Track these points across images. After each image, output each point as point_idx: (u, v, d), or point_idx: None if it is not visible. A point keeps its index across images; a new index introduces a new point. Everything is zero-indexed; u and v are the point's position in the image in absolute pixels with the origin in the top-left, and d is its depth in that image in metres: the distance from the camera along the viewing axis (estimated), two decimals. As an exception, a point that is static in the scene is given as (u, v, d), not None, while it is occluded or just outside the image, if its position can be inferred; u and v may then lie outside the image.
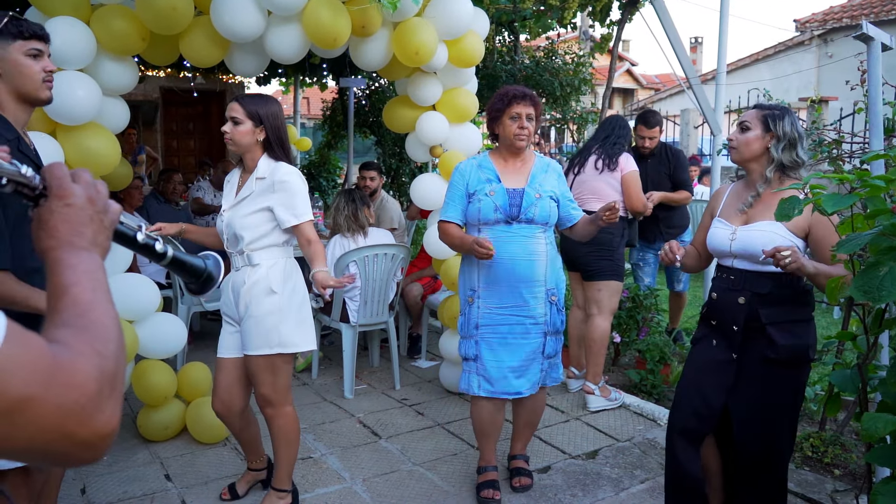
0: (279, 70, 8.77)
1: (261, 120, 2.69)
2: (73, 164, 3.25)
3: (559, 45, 7.64)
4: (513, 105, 2.96)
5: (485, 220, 2.95)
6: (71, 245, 0.80)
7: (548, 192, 2.99)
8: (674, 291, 5.23)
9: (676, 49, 4.81)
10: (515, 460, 3.29)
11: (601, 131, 4.33)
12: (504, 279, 2.94)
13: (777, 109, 2.45)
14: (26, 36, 2.02)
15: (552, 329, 3.04)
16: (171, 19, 3.18)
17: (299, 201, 2.70)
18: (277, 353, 2.72)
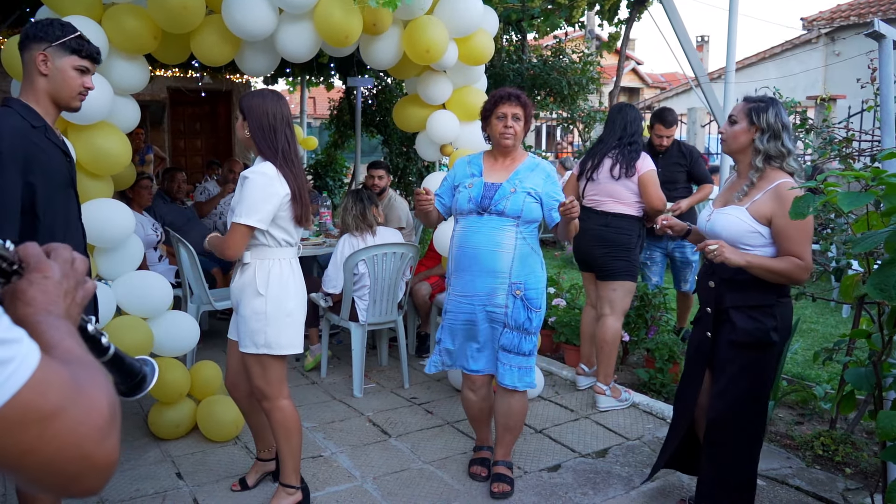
0: (286, 69, 8.77)
1: (244, 114, 2.69)
2: (85, 163, 3.27)
3: (566, 45, 7.64)
4: (499, 105, 3.06)
5: (460, 209, 3.08)
6: (48, 312, 0.84)
7: (526, 189, 3.01)
8: (680, 291, 5.21)
9: (685, 47, 4.80)
10: (496, 466, 3.25)
11: (614, 128, 4.16)
12: (467, 268, 3.04)
13: (762, 102, 2.56)
14: (83, 55, 2.28)
15: (514, 324, 3.02)
16: (183, 18, 3.19)
17: (244, 203, 2.61)
18: (262, 354, 2.75)
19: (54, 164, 2.25)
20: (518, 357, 3.06)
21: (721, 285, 2.61)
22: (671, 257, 5.07)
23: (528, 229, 3.06)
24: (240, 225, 2.62)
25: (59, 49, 2.22)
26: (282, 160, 2.68)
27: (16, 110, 2.19)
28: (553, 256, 8.73)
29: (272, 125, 2.69)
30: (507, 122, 3.04)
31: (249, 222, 2.62)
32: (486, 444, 3.41)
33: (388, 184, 5.63)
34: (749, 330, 2.53)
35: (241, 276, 2.77)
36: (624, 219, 4.07)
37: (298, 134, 10.86)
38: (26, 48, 2.23)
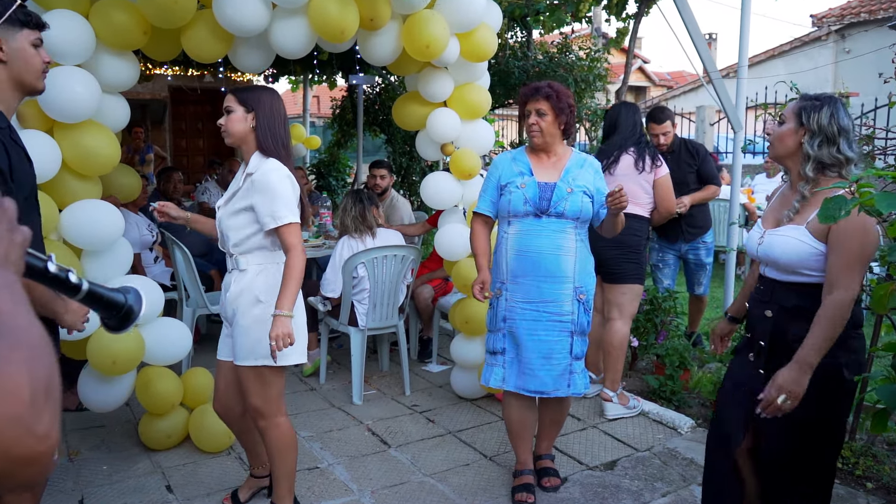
0: (288, 67, 8.64)
1: (251, 106, 2.53)
2: (72, 163, 3.14)
3: (573, 42, 7.48)
4: (525, 103, 3.00)
5: (514, 212, 2.93)
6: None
7: (581, 187, 2.92)
8: (693, 295, 5.05)
9: (697, 43, 4.64)
10: (542, 460, 3.23)
11: (621, 127, 4.01)
12: (530, 273, 2.90)
13: (816, 100, 2.22)
14: (33, 25, 2.02)
15: (578, 329, 2.95)
16: (173, 12, 3.06)
17: (280, 202, 2.46)
18: (262, 366, 2.55)
19: (23, 169, 2.02)
20: (581, 362, 3.00)
21: (781, 315, 2.25)
22: (684, 260, 4.91)
23: (583, 229, 2.99)
24: (293, 224, 2.48)
25: (8, 27, 1.95)
26: (288, 161, 2.58)
27: None
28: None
29: (281, 123, 2.60)
30: (531, 119, 2.95)
31: (297, 218, 2.50)
32: (527, 466, 3.13)
33: (390, 184, 5.50)
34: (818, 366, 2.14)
35: (238, 284, 2.57)
36: (636, 219, 3.92)
37: (301, 133, 10.75)
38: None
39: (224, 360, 2.75)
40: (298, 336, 2.56)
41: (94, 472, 3.29)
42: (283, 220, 2.46)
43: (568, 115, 2.99)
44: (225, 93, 2.70)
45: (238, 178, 2.64)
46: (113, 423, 3.82)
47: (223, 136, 2.59)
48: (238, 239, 2.57)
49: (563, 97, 2.97)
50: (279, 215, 2.46)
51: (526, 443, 3.15)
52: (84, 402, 3.41)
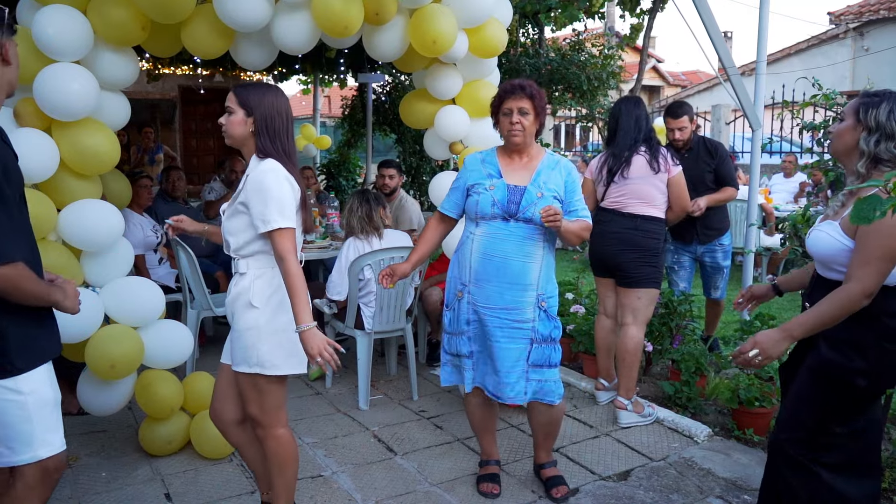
0: (296, 66, 8.57)
1: (251, 110, 2.41)
2: (70, 162, 3.07)
3: (586, 40, 7.36)
4: (505, 100, 2.88)
5: (482, 213, 2.87)
6: None
7: (551, 191, 2.85)
8: (710, 298, 4.91)
9: (714, 39, 4.50)
10: (545, 469, 3.15)
11: (627, 125, 3.83)
12: (494, 277, 2.84)
13: (876, 96, 2.17)
14: (15, 31, 2.03)
15: (539, 336, 2.87)
16: (171, 7, 2.98)
17: (272, 206, 2.32)
18: (257, 374, 2.44)
19: (15, 169, 1.98)
20: (550, 370, 2.91)
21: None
22: (700, 262, 4.77)
23: (551, 234, 2.89)
24: (287, 228, 2.34)
25: (8, 32, 1.95)
26: (289, 163, 2.45)
27: None
28: (571, 259, 8.45)
29: (285, 125, 2.47)
30: (514, 118, 2.84)
31: (289, 224, 2.34)
32: (493, 457, 3.21)
33: (399, 184, 5.40)
34: (829, 360, 2.16)
35: (236, 288, 2.47)
36: (653, 221, 3.79)
37: (311, 133, 10.68)
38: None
39: (224, 363, 2.66)
40: (295, 344, 2.40)
41: (92, 479, 3.21)
42: (271, 225, 2.32)
43: (543, 116, 2.95)
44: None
45: (242, 180, 2.53)
46: (114, 428, 3.74)
47: (224, 136, 2.49)
48: (237, 243, 2.46)
49: (542, 97, 2.91)
50: (268, 219, 2.33)
51: (489, 436, 3.20)
52: (83, 405, 3.33)
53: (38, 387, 2.00)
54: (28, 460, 2.01)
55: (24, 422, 1.97)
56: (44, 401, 2.02)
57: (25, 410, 1.97)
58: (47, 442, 2.03)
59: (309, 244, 5.19)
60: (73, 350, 3.12)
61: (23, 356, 1.97)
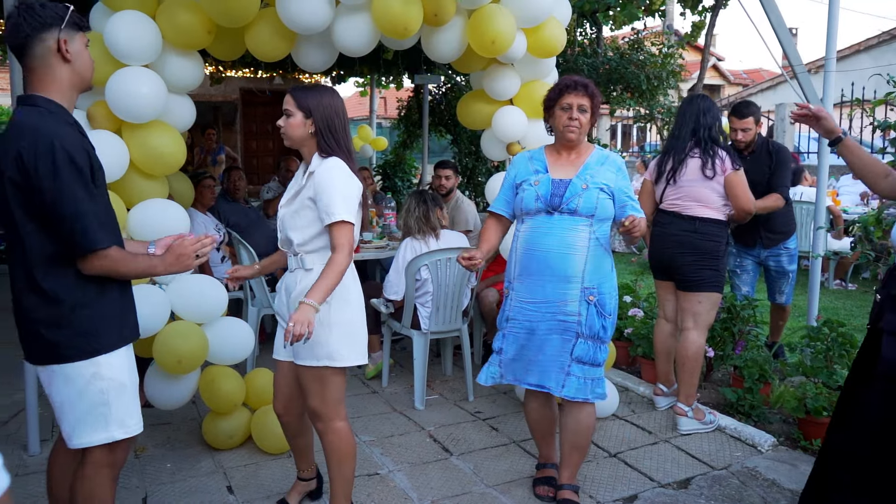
0: (354, 68, 8.67)
1: (310, 112, 2.50)
2: (139, 162, 3.17)
3: (646, 38, 7.23)
4: (564, 95, 2.84)
5: (526, 209, 2.87)
6: None
7: (598, 184, 2.80)
8: (775, 303, 4.75)
9: (780, 35, 4.36)
10: (563, 490, 3.00)
11: (685, 122, 3.75)
12: (536, 272, 2.83)
13: None
14: (84, 28, 2.12)
15: (588, 332, 2.81)
16: (235, 11, 3.05)
17: (337, 199, 2.43)
18: (323, 366, 2.52)
19: (97, 161, 2.09)
20: (592, 368, 2.84)
21: (884, 301, 2.14)
22: (765, 266, 4.62)
23: (601, 228, 2.84)
24: (346, 223, 2.44)
25: (69, 30, 2.03)
26: (350, 160, 2.56)
27: (49, 110, 2.01)
28: (629, 262, 8.32)
29: (343, 124, 2.57)
30: (573, 114, 2.82)
31: (351, 218, 2.46)
32: (550, 461, 3.18)
33: (455, 184, 5.40)
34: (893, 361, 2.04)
35: (303, 284, 2.52)
36: (713, 224, 3.69)
37: (368, 134, 10.79)
38: (36, 40, 2.00)
39: (283, 360, 2.71)
40: (359, 337, 2.55)
41: (158, 470, 3.31)
42: (335, 217, 2.42)
43: (597, 114, 2.94)
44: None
45: (298, 178, 2.60)
46: (179, 421, 3.85)
47: (283, 137, 2.57)
48: (303, 238, 2.54)
49: (599, 95, 2.92)
50: (333, 211, 2.43)
51: (547, 439, 3.16)
52: (150, 399, 3.43)
53: (117, 369, 2.10)
54: (103, 440, 2.09)
55: (102, 404, 2.07)
56: (122, 383, 2.11)
57: (104, 392, 2.06)
58: (123, 424, 2.12)
59: (366, 244, 5.25)
60: (140, 345, 3.21)
61: (103, 339, 2.07)
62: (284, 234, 2.59)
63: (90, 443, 2.10)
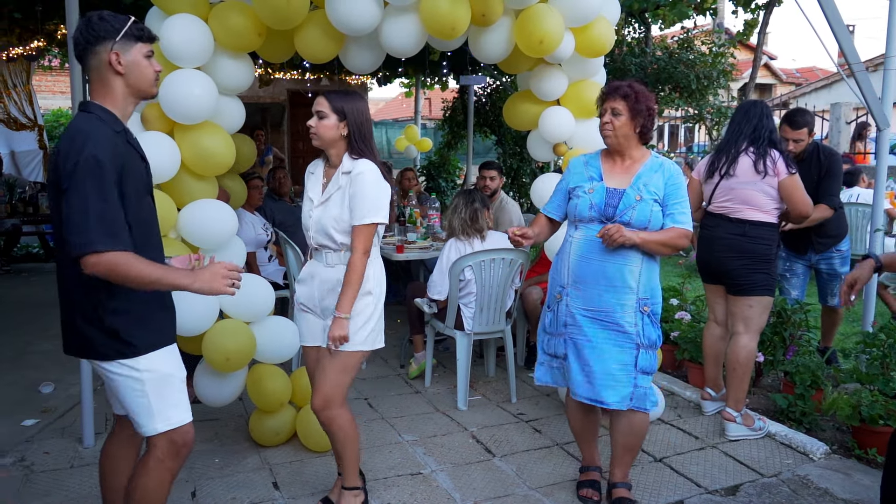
0: (400, 69, 8.72)
1: (344, 115, 2.64)
2: (190, 163, 3.24)
3: (696, 37, 7.10)
4: (604, 101, 2.88)
5: (580, 217, 2.87)
6: None
7: (652, 195, 2.78)
8: (827, 306, 4.62)
9: (837, 32, 4.24)
10: (616, 489, 3.01)
11: (745, 122, 3.67)
12: (592, 281, 2.82)
13: None
14: (145, 39, 2.18)
15: (647, 342, 2.81)
16: (286, 13, 3.09)
17: (369, 202, 2.60)
18: (356, 351, 2.70)
19: (138, 170, 2.17)
20: (648, 377, 2.85)
21: None
22: (816, 270, 4.49)
23: None
24: (370, 225, 2.62)
25: (124, 42, 2.10)
26: (378, 162, 2.71)
27: (99, 116, 2.09)
28: (676, 264, 8.18)
29: (370, 128, 2.75)
30: (605, 118, 2.84)
31: (377, 219, 2.62)
32: (594, 463, 3.16)
33: (499, 185, 5.38)
34: None
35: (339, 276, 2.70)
36: (763, 227, 3.60)
37: (414, 135, 10.83)
38: (91, 53, 2.09)
39: (311, 345, 2.87)
40: (381, 323, 2.78)
41: (206, 465, 3.38)
42: (365, 220, 2.60)
43: (645, 118, 2.84)
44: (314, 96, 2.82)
45: (337, 178, 2.70)
46: (226, 417, 3.92)
47: (312, 138, 2.70)
48: (346, 239, 2.67)
49: (643, 99, 2.82)
50: (363, 214, 2.59)
51: (590, 443, 3.15)
52: (199, 396, 3.50)
53: (155, 366, 2.15)
54: (149, 432, 2.18)
55: (141, 397, 2.14)
56: (161, 379, 2.16)
57: (142, 387, 2.13)
58: (165, 417, 2.18)
59: (410, 244, 5.27)
60: (190, 343, 3.29)
61: (138, 340, 2.12)
62: (325, 234, 2.70)
63: (143, 433, 2.20)
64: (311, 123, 2.66)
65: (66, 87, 14.78)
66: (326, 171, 2.78)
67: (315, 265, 2.79)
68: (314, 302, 2.80)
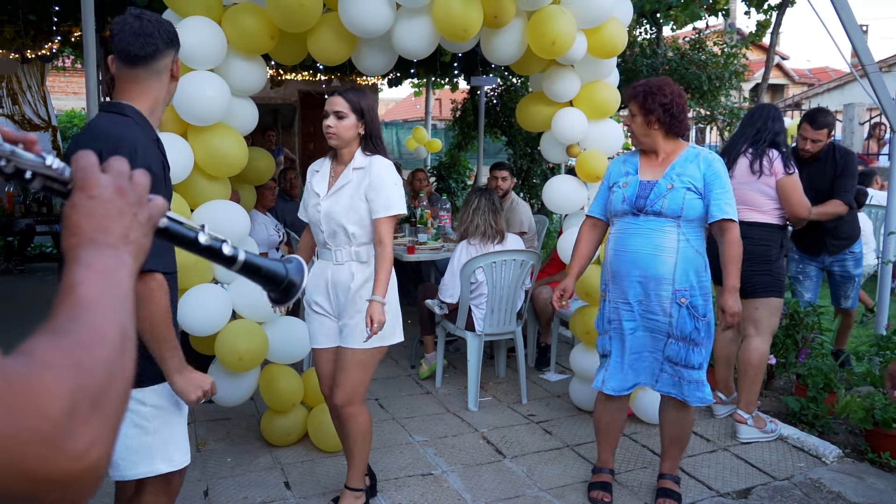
0: (411, 70, 8.73)
1: (362, 114, 2.66)
2: (203, 164, 3.25)
3: (708, 38, 7.07)
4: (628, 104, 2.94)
5: (614, 211, 2.91)
6: (93, 242, 0.68)
7: (685, 184, 2.76)
8: (840, 308, 4.60)
9: (850, 32, 4.22)
10: (664, 479, 3.07)
11: (749, 125, 3.74)
12: (626, 273, 2.85)
13: None
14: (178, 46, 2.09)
15: (679, 334, 2.79)
16: (299, 16, 3.10)
17: (394, 194, 2.63)
18: (377, 347, 2.70)
19: (169, 180, 2.09)
20: (687, 370, 2.82)
21: None
22: (828, 272, 4.47)
23: (691, 229, 2.81)
24: (393, 217, 2.64)
25: (177, 48, 2.01)
26: (387, 156, 2.75)
27: (136, 121, 1.93)
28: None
29: (379, 124, 2.79)
30: (627, 121, 2.93)
31: (399, 211, 2.65)
32: (607, 465, 3.15)
33: (511, 186, 5.39)
34: None
35: (362, 274, 2.70)
36: (762, 228, 3.60)
37: (423, 136, 10.84)
38: (163, 54, 1.95)
39: (325, 347, 2.85)
40: (400, 317, 2.78)
41: (219, 464, 3.40)
42: (391, 211, 2.62)
43: (660, 113, 2.81)
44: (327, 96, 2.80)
45: (347, 172, 2.70)
46: (238, 417, 3.95)
47: (331, 138, 2.68)
48: (361, 232, 2.68)
49: (654, 95, 2.80)
50: (390, 205, 2.62)
51: (610, 443, 3.14)
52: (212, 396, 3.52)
53: (161, 402, 1.94)
54: (145, 474, 1.94)
55: (144, 434, 1.91)
56: (167, 416, 1.96)
57: (147, 423, 1.91)
58: (168, 457, 1.97)
59: (421, 245, 5.28)
60: (204, 343, 3.32)
61: (148, 371, 1.88)
62: (337, 226, 2.69)
63: (133, 475, 1.94)
64: (330, 123, 2.65)
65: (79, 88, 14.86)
66: (334, 168, 2.79)
67: (324, 265, 2.79)
68: (326, 302, 2.80)
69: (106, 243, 0.68)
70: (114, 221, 0.70)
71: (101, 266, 0.66)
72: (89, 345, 0.59)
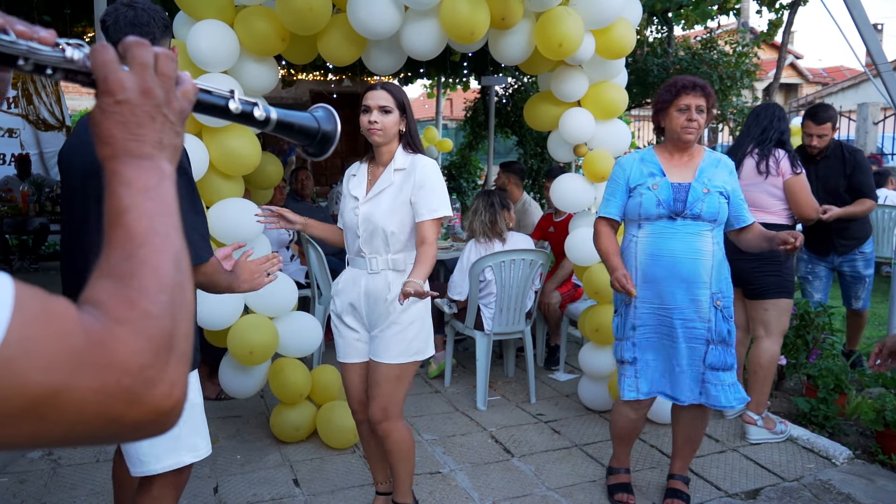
0: (421, 70, 8.76)
1: (404, 109, 2.52)
2: (217, 163, 3.30)
3: (719, 37, 7.04)
4: (681, 96, 2.77)
5: (646, 214, 2.80)
6: (128, 153, 0.67)
7: (717, 188, 2.76)
8: (851, 309, 4.57)
9: (863, 31, 4.19)
10: (674, 480, 3.05)
11: (755, 125, 3.73)
12: (664, 278, 2.77)
13: None
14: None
15: (717, 338, 2.76)
16: (309, 19, 3.13)
17: (440, 195, 2.49)
18: (412, 361, 2.55)
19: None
20: (725, 373, 2.79)
21: None
22: (839, 272, 4.45)
23: (720, 232, 2.82)
24: (440, 218, 2.50)
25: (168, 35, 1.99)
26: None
27: None
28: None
29: (415, 120, 2.66)
30: (692, 115, 2.75)
31: (447, 212, 2.52)
32: (624, 465, 3.13)
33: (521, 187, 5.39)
34: None
35: (396, 285, 2.49)
36: (770, 228, 3.58)
37: (434, 136, 10.86)
38: (162, 43, 1.92)
39: (354, 362, 2.67)
40: (432, 330, 2.63)
41: (228, 461, 3.43)
42: (439, 213, 2.48)
43: (710, 117, 2.89)
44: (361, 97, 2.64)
45: (388, 174, 2.54)
46: (248, 414, 3.98)
47: (375, 135, 2.50)
48: (399, 238, 2.52)
49: (714, 98, 2.86)
50: (437, 207, 2.48)
51: (629, 445, 3.11)
52: (224, 387, 3.56)
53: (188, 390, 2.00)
54: (171, 467, 1.96)
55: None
56: (192, 405, 1.97)
57: None
58: (193, 447, 2.00)
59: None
60: (216, 336, 3.36)
61: None
62: (376, 228, 2.51)
63: (160, 469, 1.95)
64: (375, 119, 2.47)
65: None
66: (371, 170, 2.62)
67: (356, 273, 2.60)
68: (356, 316, 2.62)
69: (141, 153, 0.67)
70: (145, 128, 0.68)
71: (143, 184, 0.66)
72: (153, 292, 0.60)
